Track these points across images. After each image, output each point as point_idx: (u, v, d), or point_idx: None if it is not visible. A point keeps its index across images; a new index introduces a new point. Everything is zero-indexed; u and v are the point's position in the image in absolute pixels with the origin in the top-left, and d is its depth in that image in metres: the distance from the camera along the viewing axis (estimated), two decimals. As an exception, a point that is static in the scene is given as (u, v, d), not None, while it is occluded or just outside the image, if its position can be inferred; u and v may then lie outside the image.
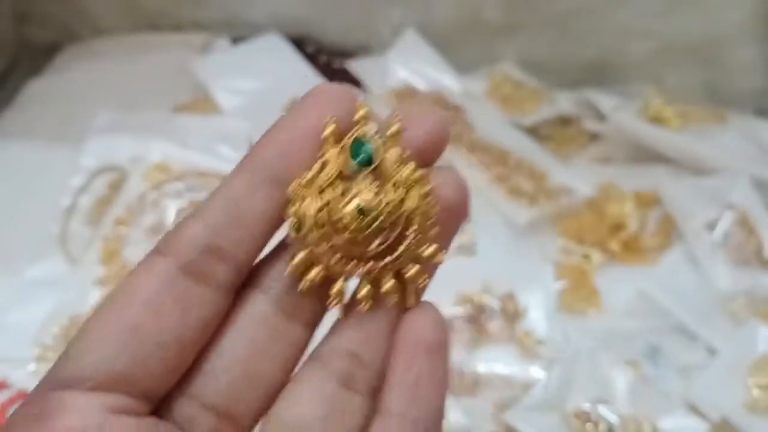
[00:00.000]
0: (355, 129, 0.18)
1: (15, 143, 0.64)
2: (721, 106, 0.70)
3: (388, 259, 0.18)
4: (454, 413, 0.48)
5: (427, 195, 0.18)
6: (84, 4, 0.76)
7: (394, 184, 0.17)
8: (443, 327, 0.18)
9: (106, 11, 0.76)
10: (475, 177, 0.61)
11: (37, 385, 0.17)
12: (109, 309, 0.17)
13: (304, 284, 0.18)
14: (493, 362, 0.51)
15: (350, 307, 0.19)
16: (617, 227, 0.60)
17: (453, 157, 0.61)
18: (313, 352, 0.19)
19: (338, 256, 0.17)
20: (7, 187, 0.60)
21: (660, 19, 0.70)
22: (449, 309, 0.51)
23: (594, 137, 0.69)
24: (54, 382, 0.16)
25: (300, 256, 0.17)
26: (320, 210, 0.17)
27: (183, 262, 0.17)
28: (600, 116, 0.69)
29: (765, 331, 0.52)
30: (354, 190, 0.17)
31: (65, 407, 0.16)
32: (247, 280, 0.18)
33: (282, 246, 0.19)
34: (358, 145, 0.18)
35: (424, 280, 0.18)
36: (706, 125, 0.66)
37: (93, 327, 0.17)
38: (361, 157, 0.17)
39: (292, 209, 0.17)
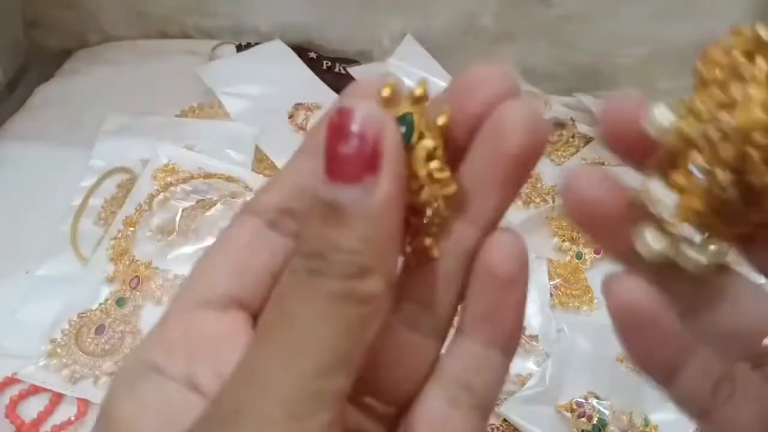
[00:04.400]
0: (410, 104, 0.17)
1: (27, 145, 0.65)
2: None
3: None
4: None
5: (445, 198, 0.18)
6: (94, 12, 0.77)
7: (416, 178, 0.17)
8: (521, 258, 0.18)
9: (115, 18, 0.77)
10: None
11: (169, 309, 0.20)
12: (215, 253, 0.20)
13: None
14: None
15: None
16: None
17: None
18: None
19: None
20: (20, 187, 0.62)
21: (652, 26, 0.71)
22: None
23: (588, 141, 0.71)
24: (180, 307, 0.20)
25: None
26: None
27: (266, 219, 0.20)
28: (593, 120, 0.70)
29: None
30: None
31: (197, 317, 0.19)
32: None
33: None
34: (402, 119, 0.17)
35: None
36: (697, 129, 0.68)
37: (205, 266, 0.20)
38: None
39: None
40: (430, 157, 0.17)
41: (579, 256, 0.60)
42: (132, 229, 0.57)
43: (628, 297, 0.18)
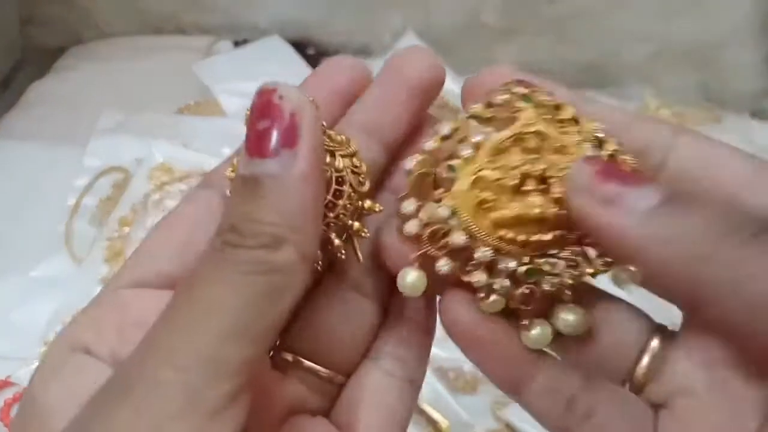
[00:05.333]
0: None
1: (20, 144, 0.64)
2: (717, 107, 0.71)
3: (330, 216, 0.20)
4: (454, 410, 0.48)
5: (352, 156, 0.20)
6: (89, 8, 0.76)
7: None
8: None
9: (110, 15, 0.77)
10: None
11: (104, 290, 0.20)
12: (160, 231, 0.20)
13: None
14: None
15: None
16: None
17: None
18: None
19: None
20: (13, 187, 0.61)
21: (657, 23, 0.70)
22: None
23: (592, 138, 0.70)
24: (117, 286, 0.20)
25: None
26: None
27: (221, 192, 0.20)
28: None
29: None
30: None
31: (132, 297, 0.19)
32: None
33: None
34: None
35: (366, 233, 0.20)
36: (703, 127, 0.67)
37: (148, 244, 0.20)
38: None
39: None
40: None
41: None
42: (127, 229, 0.57)
43: (460, 317, 0.19)
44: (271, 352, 0.21)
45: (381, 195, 0.22)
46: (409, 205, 0.20)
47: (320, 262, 0.20)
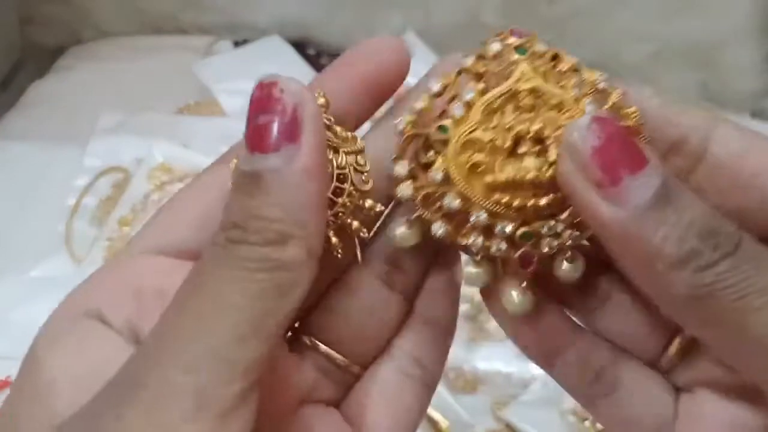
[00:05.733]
0: None
1: (20, 144, 0.64)
2: (717, 108, 0.71)
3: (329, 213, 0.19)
4: (454, 410, 0.48)
5: (356, 153, 0.19)
6: (88, 8, 0.76)
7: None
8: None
9: (110, 14, 0.77)
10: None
11: (119, 254, 0.20)
12: (181, 199, 0.20)
13: None
14: (492, 360, 0.51)
15: None
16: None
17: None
18: None
19: None
20: (12, 187, 0.61)
21: (657, 22, 0.70)
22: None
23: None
24: (135, 251, 0.19)
25: None
26: None
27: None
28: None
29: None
30: None
31: (151, 263, 0.19)
32: None
33: None
34: None
35: (365, 231, 0.20)
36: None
37: (165, 213, 0.20)
38: None
39: None
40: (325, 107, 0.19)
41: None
42: (127, 229, 0.57)
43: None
44: (290, 334, 0.21)
45: None
46: (401, 168, 0.19)
47: (339, 250, 0.19)
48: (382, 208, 0.20)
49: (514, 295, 0.19)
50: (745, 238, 0.17)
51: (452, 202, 0.19)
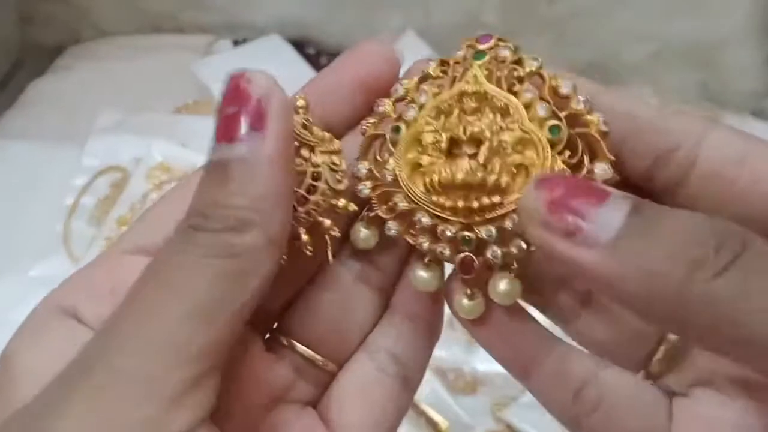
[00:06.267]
0: None
1: (18, 143, 0.64)
2: (717, 107, 0.71)
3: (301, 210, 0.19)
4: (454, 411, 0.48)
5: (332, 153, 0.19)
6: (88, 7, 0.76)
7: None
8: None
9: (109, 14, 0.77)
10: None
11: (103, 252, 0.20)
12: (168, 198, 0.20)
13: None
14: (492, 361, 0.50)
15: None
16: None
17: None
18: None
19: None
20: (11, 186, 0.61)
21: (657, 22, 0.70)
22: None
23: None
24: (119, 250, 0.19)
25: None
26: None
27: None
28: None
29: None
30: None
31: (133, 263, 0.18)
32: None
33: None
34: None
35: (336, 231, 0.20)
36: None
37: (156, 212, 0.20)
38: None
39: None
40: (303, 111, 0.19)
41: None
42: (125, 228, 0.57)
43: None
44: (267, 335, 0.21)
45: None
46: (361, 168, 0.20)
47: (310, 247, 0.19)
48: (356, 208, 0.20)
49: (463, 301, 0.19)
50: (750, 234, 0.15)
51: (400, 202, 0.19)
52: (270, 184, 0.16)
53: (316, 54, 0.75)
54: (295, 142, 0.19)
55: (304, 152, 0.19)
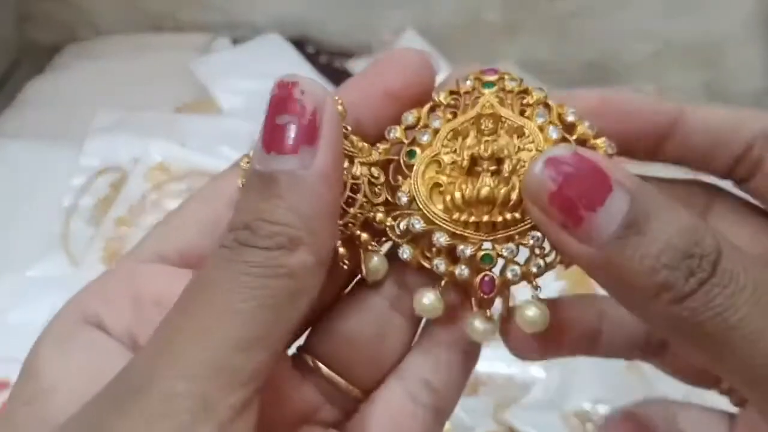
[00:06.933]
0: None
1: (16, 143, 0.64)
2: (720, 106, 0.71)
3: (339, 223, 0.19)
4: (454, 412, 0.48)
5: (371, 164, 0.19)
6: (86, 5, 0.76)
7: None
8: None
9: (107, 12, 0.76)
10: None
11: (121, 260, 0.19)
12: (190, 204, 0.19)
13: None
14: (494, 362, 0.51)
15: None
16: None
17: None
18: None
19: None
20: (9, 186, 0.60)
21: (660, 21, 0.70)
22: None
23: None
24: (137, 259, 0.19)
25: None
26: None
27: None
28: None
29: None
30: None
31: (152, 272, 0.18)
32: None
33: None
34: None
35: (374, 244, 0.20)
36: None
37: (175, 218, 0.19)
38: None
39: None
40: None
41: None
42: (124, 229, 0.57)
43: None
44: (294, 351, 0.20)
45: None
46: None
47: (346, 261, 0.19)
48: (394, 223, 0.19)
49: (477, 324, 0.19)
50: (725, 252, 0.16)
51: (416, 223, 0.19)
52: (320, 202, 0.16)
53: (315, 53, 0.75)
54: None
55: (344, 162, 0.18)
